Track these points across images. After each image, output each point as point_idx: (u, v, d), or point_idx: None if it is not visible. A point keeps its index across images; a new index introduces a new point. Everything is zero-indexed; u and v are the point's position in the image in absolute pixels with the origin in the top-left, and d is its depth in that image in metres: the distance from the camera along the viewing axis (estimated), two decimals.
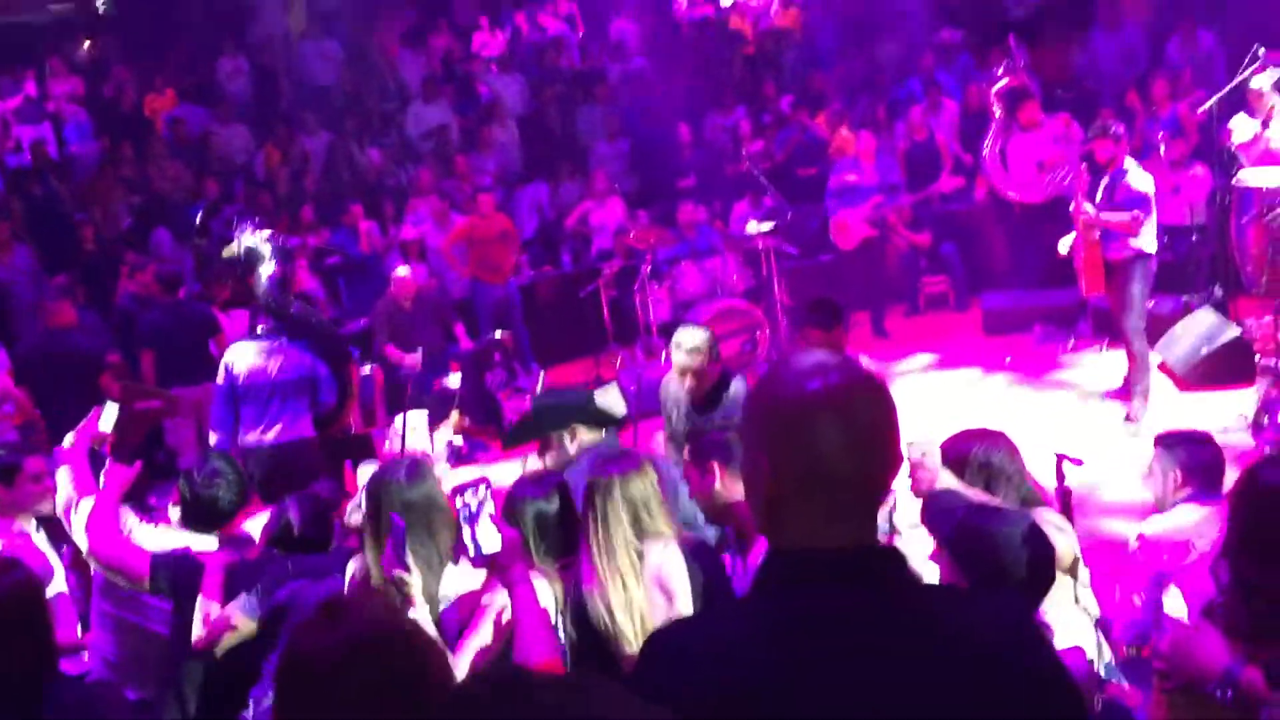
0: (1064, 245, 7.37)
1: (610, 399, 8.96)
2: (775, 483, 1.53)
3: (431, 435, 9.17)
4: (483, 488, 2.71)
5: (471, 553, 2.69)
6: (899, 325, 10.41)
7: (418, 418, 9.19)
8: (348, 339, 7.58)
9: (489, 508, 2.71)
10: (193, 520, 3.82)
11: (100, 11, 18.20)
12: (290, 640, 1.78)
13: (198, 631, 3.39)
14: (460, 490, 2.72)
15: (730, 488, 3.36)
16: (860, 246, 10.40)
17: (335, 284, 10.38)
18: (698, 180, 11.96)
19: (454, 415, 9.35)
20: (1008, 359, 8.82)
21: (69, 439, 4.44)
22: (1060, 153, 9.25)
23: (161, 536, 3.84)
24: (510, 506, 3.30)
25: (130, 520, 3.94)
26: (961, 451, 3.36)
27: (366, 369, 7.50)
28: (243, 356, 6.34)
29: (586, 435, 4.19)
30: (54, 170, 11.48)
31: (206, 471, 3.81)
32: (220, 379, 6.37)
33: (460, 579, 3.03)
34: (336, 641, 1.73)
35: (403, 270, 9.66)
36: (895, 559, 1.55)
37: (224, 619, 3.35)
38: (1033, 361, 8.77)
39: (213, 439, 6.25)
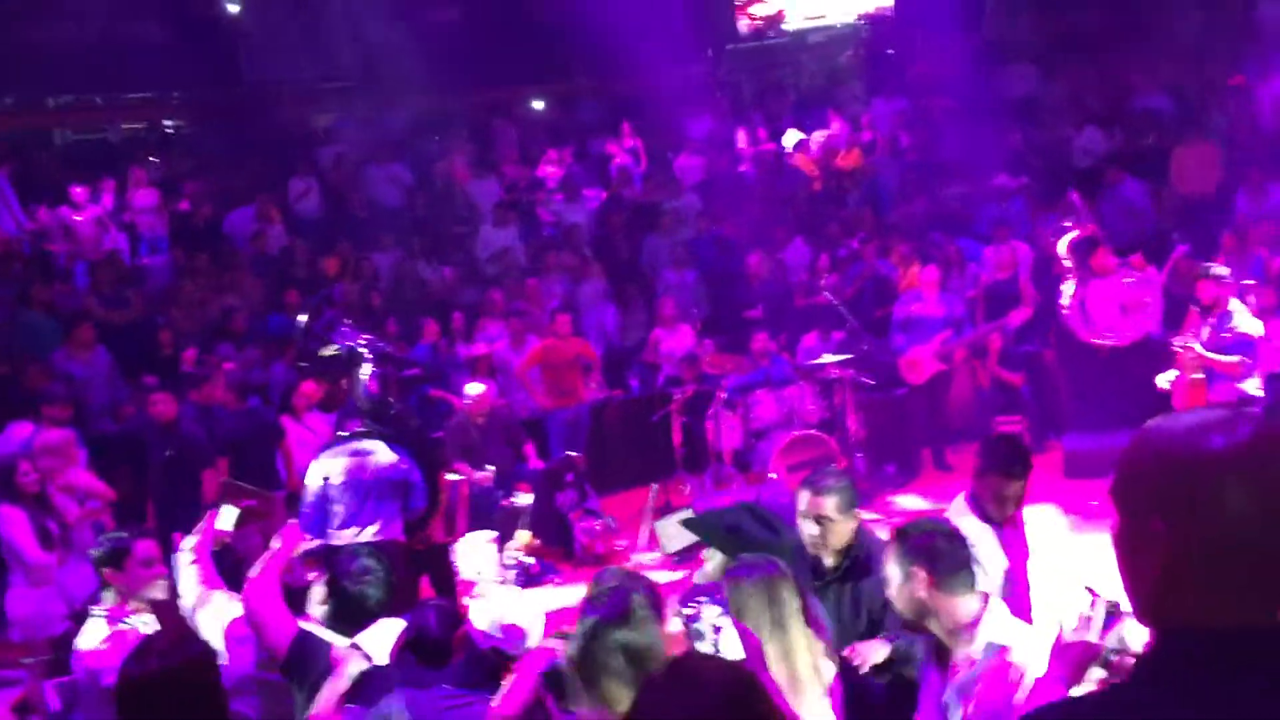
0: (1164, 380, 7.27)
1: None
2: (1173, 552, 1.40)
3: (499, 554, 9.02)
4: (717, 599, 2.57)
5: None
6: (968, 462, 10.21)
7: (484, 537, 9.08)
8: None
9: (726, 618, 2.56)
10: (339, 618, 3.68)
11: (169, 132, 18.80)
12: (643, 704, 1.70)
13: None
14: (688, 599, 2.58)
15: (935, 598, 3.13)
16: (929, 381, 10.33)
17: (409, 397, 10.34)
18: (764, 311, 11.98)
19: (524, 534, 9.20)
20: (1094, 503, 8.62)
21: (190, 540, 4.37)
22: (1139, 294, 9.22)
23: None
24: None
25: None
26: None
27: (455, 476, 7.42)
28: (337, 457, 6.27)
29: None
30: (130, 278, 11.65)
31: (357, 568, 3.68)
32: (314, 479, 6.30)
33: None
34: (696, 703, 1.66)
35: (477, 387, 9.62)
36: None
37: None
38: None
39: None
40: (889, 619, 3.80)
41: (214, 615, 3.97)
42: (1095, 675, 2.63)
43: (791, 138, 15.80)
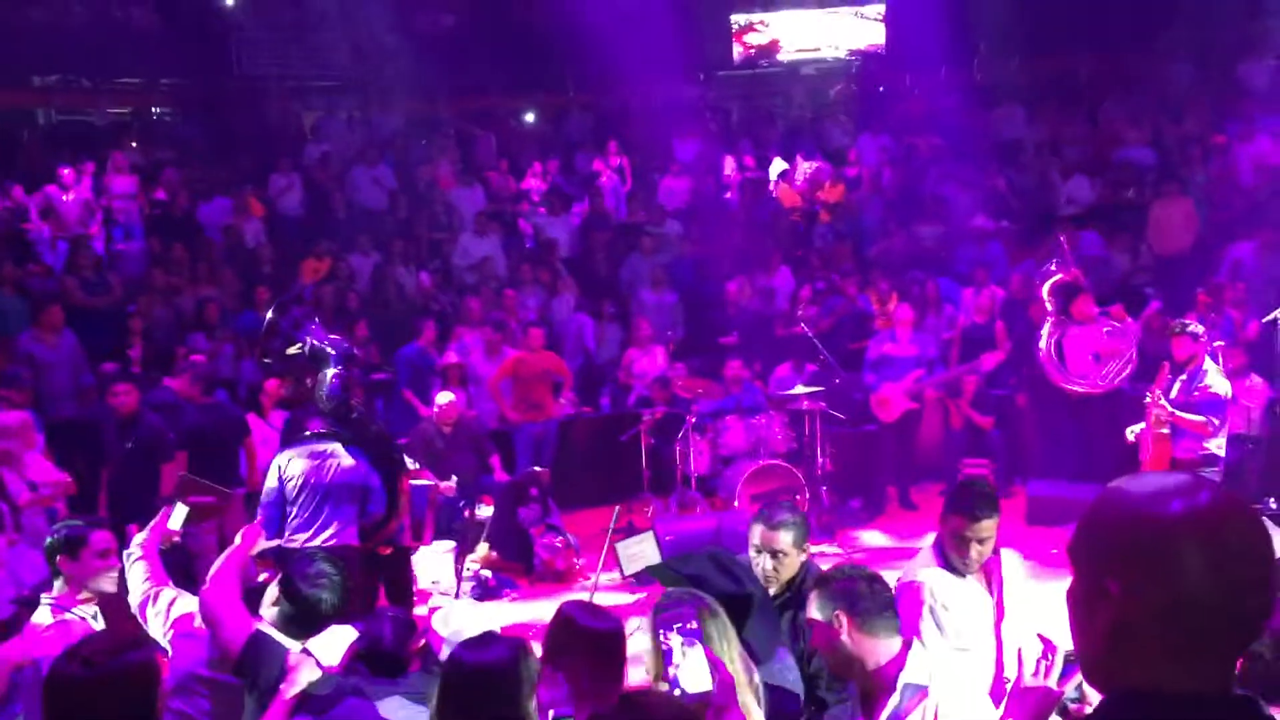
0: (1131, 433, 7.31)
1: (645, 548, 8.82)
2: (1125, 613, 1.39)
3: (458, 565, 8.96)
4: (695, 622, 2.47)
5: (678, 693, 2.42)
6: (932, 502, 10.27)
7: (443, 547, 9.01)
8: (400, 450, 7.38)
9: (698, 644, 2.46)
10: (290, 621, 3.62)
11: (154, 119, 18.64)
12: None
13: None
14: (666, 622, 2.49)
15: (858, 641, 3.13)
16: (900, 420, 10.37)
17: (375, 402, 10.27)
18: (740, 339, 11.98)
19: (483, 547, 9.15)
20: (1054, 550, 8.64)
21: (139, 536, 4.30)
22: (1115, 345, 9.27)
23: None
24: None
25: None
26: None
27: (423, 481, 7.37)
28: (296, 458, 6.21)
29: None
30: (103, 263, 11.54)
31: (312, 571, 3.63)
32: (272, 480, 6.24)
33: None
34: None
35: (447, 396, 9.57)
36: (1259, 713, 1.40)
37: None
38: None
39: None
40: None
41: (161, 612, 3.90)
42: None
43: (776, 168, 15.85)
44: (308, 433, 6.56)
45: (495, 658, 2.82)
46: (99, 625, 4.17)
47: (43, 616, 4.09)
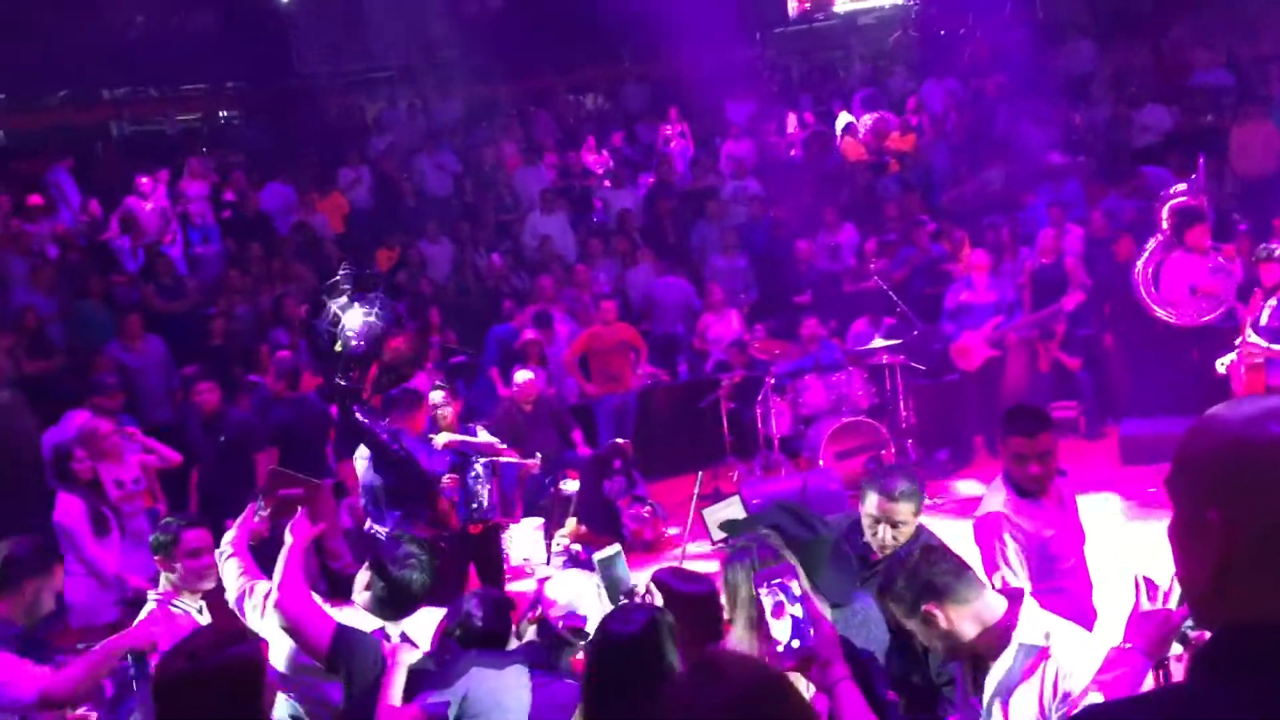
0: (1222, 365, 7.11)
1: (732, 513, 8.80)
2: (1229, 544, 1.34)
3: (548, 541, 9.05)
4: (796, 583, 2.48)
5: (781, 648, 2.44)
6: None
7: (532, 524, 9.11)
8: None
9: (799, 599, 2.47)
10: (383, 604, 3.68)
11: (223, 123, 18.99)
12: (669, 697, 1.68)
13: None
14: (766, 579, 2.49)
15: (956, 619, 3.03)
16: (982, 367, 10.20)
17: (456, 384, 10.37)
18: (814, 296, 11.87)
19: (571, 522, 9.21)
20: (1152, 489, 8.46)
21: (229, 534, 4.38)
22: (1216, 284, 8.95)
23: (346, 618, 3.70)
24: None
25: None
26: None
27: (511, 459, 7.41)
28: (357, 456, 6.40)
29: None
30: (177, 268, 11.81)
31: (401, 553, 3.68)
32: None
33: None
34: (720, 697, 1.61)
35: (525, 374, 9.63)
36: None
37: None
38: None
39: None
40: None
41: (257, 605, 3.98)
42: (1175, 651, 2.61)
43: (841, 121, 15.64)
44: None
45: (641, 626, 2.83)
46: (204, 619, 4.28)
47: (150, 613, 4.21)
